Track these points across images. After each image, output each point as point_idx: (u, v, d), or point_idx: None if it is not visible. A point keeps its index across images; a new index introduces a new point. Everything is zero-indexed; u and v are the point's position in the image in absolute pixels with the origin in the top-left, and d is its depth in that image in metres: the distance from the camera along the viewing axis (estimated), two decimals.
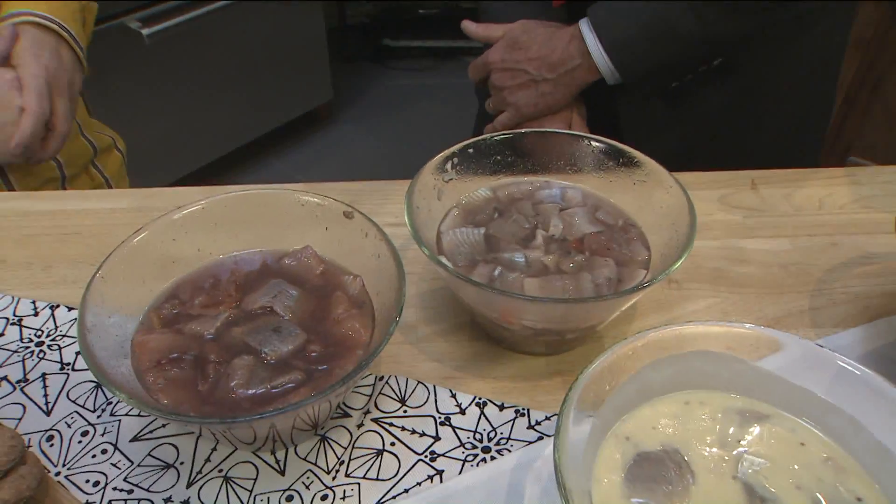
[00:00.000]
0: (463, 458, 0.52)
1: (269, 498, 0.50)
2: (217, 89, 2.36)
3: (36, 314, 0.62)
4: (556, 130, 0.65)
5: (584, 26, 0.86)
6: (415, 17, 3.33)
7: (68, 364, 0.59)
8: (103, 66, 1.03)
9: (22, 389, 0.56)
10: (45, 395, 0.56)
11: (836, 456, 0.43)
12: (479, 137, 0.63)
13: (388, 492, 0.50)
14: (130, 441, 0.53)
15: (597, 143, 0.63)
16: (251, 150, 2.60)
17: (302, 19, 2.54)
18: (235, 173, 2.57)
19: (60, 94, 0.86)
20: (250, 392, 0.47)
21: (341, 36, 3.24)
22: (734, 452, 0.44)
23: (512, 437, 0.53)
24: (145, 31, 2.00)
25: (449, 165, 0.61)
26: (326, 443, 0.53)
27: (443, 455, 0.52)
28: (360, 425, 0.54)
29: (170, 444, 0.53)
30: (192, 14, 2.11)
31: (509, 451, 0.52)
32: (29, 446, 0.49)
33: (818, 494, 0.41)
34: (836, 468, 0.42)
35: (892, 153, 2.09)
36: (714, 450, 0.44)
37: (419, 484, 0.50)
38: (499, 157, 0.64)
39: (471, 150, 0.62)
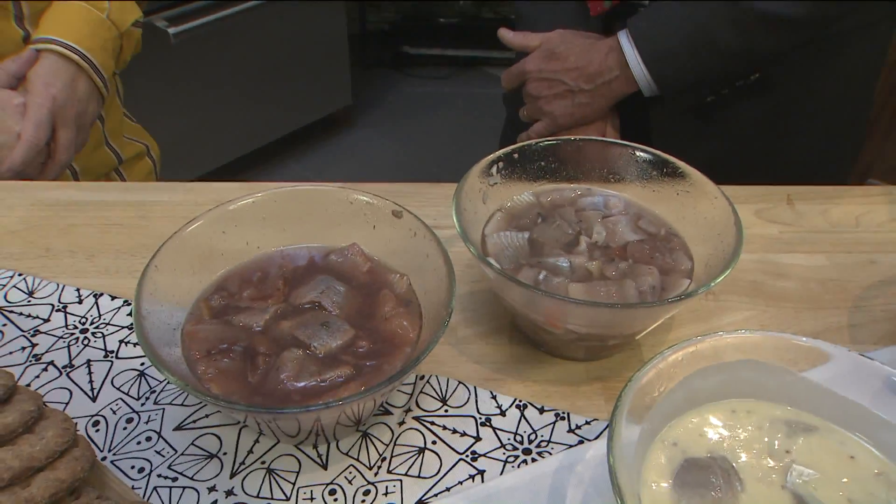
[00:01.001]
0: (504, 458, 0.52)
1: (311, 491, 0.50)
2: (238, 91, 2.38)
3: (80, 302, 0.63)
4: (601, 139, 0.66)
5: (623, 38, 0.87)
6: (435, 26, 3.34)
7: (112, 352, 0.59)
8: (128, 64, 1.05)
9: (68, 375, 0.57)
10: (91, 382, 0.57)
11: (888, 471, 0.43)
12: (524, 143, 0.64)
13: (430, 489, 0.50)
14: (174, 430, 0.54)
15: (641, 153, 0.63)
16: (270, 151, 2.62)
17: (324, 25, 2.56)
18: (253, 174, 2.58)
19: (64, 125, 0.87)
20: (300, 385, 0.48)
21: (362, 42, 3.26)
22: (782, 463, 0.44)
23: (552, 439, 0.54)
24: (172, 31, 2.02)
25: (494, 169, 0.62)
26: (368, 439, 0.53)
27: (484, 455, 0.52)
28: (401, 423, 0.54)
29: (213, 434, 0.53)
30: (218, 15, 2.13)
31: (550, 453, 0.53)
32: (77, 430, 0.49)
33: None
34: (888, 483, 0.42)
35: None
36: (761, 459, 0.44)
37: (461, 483, 0.51)
38: (543, 164, 0.65)
39: (516, 155, 0.63)
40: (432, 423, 0.55)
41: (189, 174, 2.30)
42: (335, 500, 0.50)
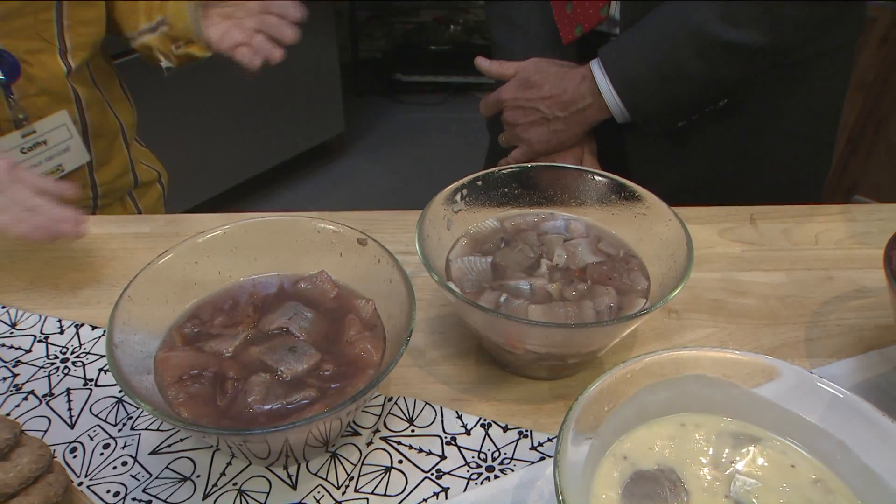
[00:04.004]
0: (468, 476, 0.54)
1: None
2: (232, 121, 2.42)
3: (62, 332, 0.65)
4: (562, 165, 0.68)
5: (595, 67, 0.90)
6: (426, 53, 3.40)
7: (91, 380, 0.61)
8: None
9: (47, 403, 0.59)
10: (70, 409, 0.59)
11: (825, 478, 0.45)
12: (488, 170, 0.66)
13: None
14: (149, 454, 0.55)
15: (600, 178, 0.66)
16: (264, 180, 2.65)
17: (316, 54, 2.61)
18: (248, 203, 2.61)
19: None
20: (266, 407, 0.50)
21: (354, 70, 3.31)
22: (727, 473, 0.46)
23: (515, 457, 0.55)
24: (164, 63, 2.05)
25: (458, 196, 0.64)
26: (337, 459, 0.55)
27: (448, 473, 0.54)
28: (369, 443, 0.56)
29: (187, 457, 0.55)
30: None
31: (512, 470, 0.54)
32: (54, 457, 0.51)
33: None
34: (824, 489, 0.44)
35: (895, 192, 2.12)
36: (708, 470, 0.46)
37: (425, 500, 0.52)
38: (506, 190, 0.67)
39: (479, 183, 0.66)
40: (399, 443, 0.56)
41: (183, 205, 2.33)
42: None
